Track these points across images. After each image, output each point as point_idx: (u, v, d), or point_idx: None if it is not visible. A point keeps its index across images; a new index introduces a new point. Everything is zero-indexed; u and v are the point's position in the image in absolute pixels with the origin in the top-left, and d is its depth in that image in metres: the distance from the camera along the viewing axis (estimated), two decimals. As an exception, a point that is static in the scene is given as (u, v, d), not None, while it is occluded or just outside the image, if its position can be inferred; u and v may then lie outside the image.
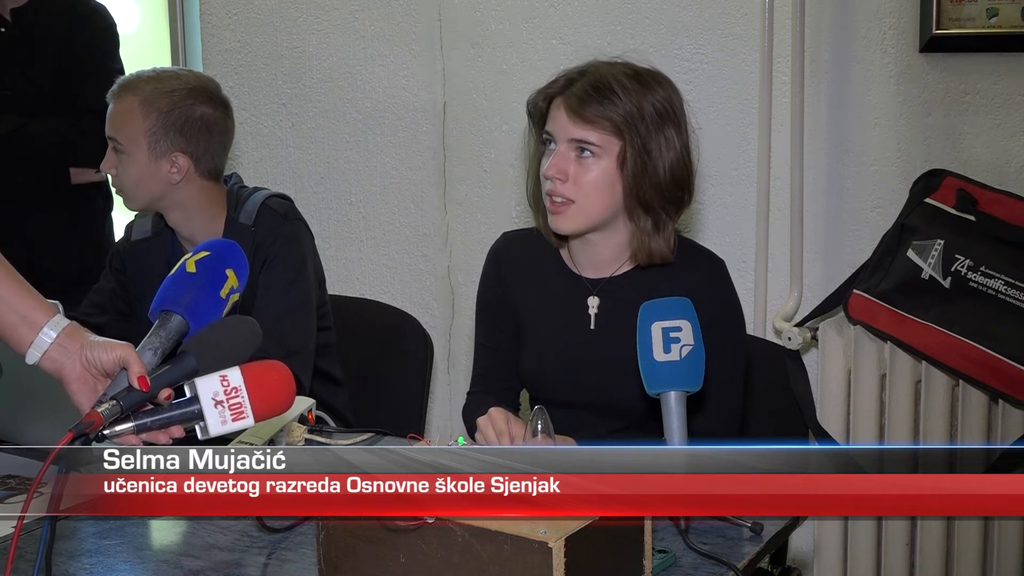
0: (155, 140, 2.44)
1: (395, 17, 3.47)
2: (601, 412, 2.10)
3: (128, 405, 1.53)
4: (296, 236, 2.51)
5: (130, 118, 2.43)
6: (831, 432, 2.68)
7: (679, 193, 2.07)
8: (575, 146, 2.03)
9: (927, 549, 2.66)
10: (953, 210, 2.63)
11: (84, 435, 1.48)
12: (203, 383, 1.55)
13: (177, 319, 1.66)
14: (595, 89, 2.02)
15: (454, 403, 3.50)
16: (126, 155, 2.43)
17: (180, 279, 1.70)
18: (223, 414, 1.54)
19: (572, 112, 2.03)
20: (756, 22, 2.93)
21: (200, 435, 1.56)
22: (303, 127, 3.66)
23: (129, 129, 2.43)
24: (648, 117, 2.02)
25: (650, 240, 2.07)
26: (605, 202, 2.05)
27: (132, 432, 1.54)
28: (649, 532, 1.54)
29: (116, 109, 2.44)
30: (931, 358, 2.58)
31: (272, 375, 1.59)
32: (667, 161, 2.03)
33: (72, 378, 1.59)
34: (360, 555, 1.50)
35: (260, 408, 1.56)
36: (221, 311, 1.71)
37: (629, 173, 2.02)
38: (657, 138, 2.02)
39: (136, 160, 2.43)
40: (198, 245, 1.79)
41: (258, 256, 2.44)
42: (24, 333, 1.59)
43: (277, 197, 2.56)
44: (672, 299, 1.80)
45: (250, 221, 2.48)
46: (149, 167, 2.44)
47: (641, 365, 1.74)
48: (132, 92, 2.44)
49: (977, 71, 2.76)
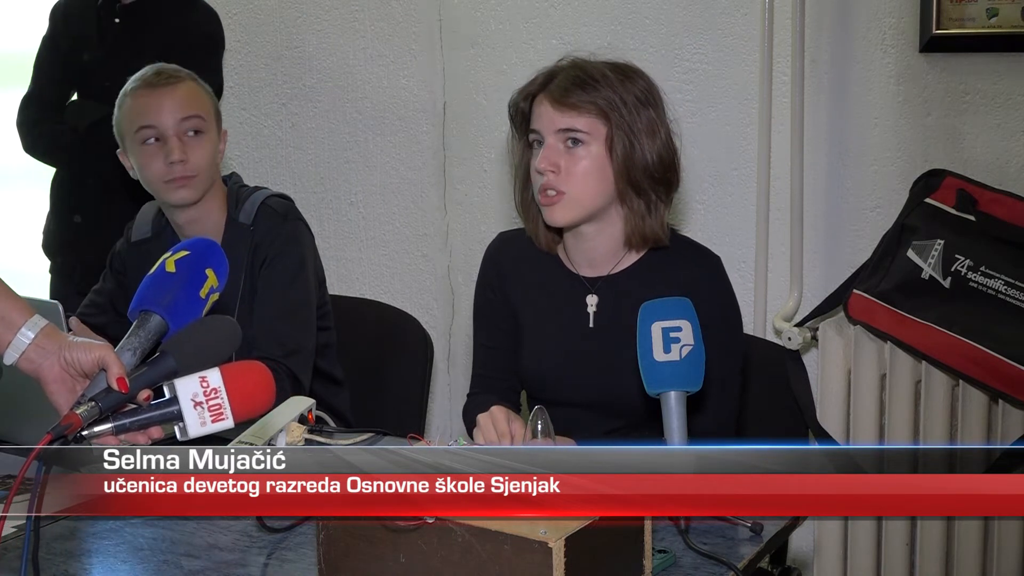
0: (217, 120, 2.49)
1: (395, 17, 3.47)
2: (601, 411, 2.10)
3: (107, 406, 1.52)
4: (296, 236, 2.50)
5: (198, 97, 2.44)
6: (831, 432, 2.68)
7: (667, 175, 2.08)
8: (563, 137, 2.04)
9: (927, 549, 2.66)
10: (953, 210, 2.63)
11: (63, 437, 1.47)
12: (182, 384, 1.54)
13: (156, 319, 1.65)
14: (578, 79, 2.04)
15: (454, 403, 3.50)
16: (203, 134, 2.42)
17: (159, 279, 1.69)
18: (202, 415, 1.54)
19: (556, 103, 2.04)
20: (756, 22, 2.93)
21: (179, 436, 1.55)
22: (303, 127, 3.66)
23: (203, 105, 2.44)
24: (630, 102, 2.04)
25: (644, 223, 2.08)
26: (597, 189, 2.05)
27: (111, 433, 1.53)
28: (649, 532, 1.54)
29: (182, 91, 2.41)
30: (931, 358, 2.58)
31: (252, 376, 1.59)
32: (653, 143, 2.05)
33: (50, 379, 1.58)
34: (360, 555, 1.50)
35: (239, 409, 1.56)
36: (201, 311, 1.70)
37: (619, 156, 2.03)
38: (641, 121, 2.04)
39: (210, 138, 2.44)
40: (177, 244, 1.78)
41: (257, 256, 2.43)
42: (1, 333, 1.58)
43: (277, 197, 2.55)
44: (672, 299, 1.80)
45: (249, 220, 2.47)
46: (216, 146, 2.47)
47: (641, 365, 1.74)
48: (182, 77, 2.43)
49: (977, 71, 2.76)
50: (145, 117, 2.40)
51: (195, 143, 2.40)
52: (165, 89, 2.40)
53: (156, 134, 2.40)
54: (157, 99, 2.39)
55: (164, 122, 2.39)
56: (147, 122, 2.40)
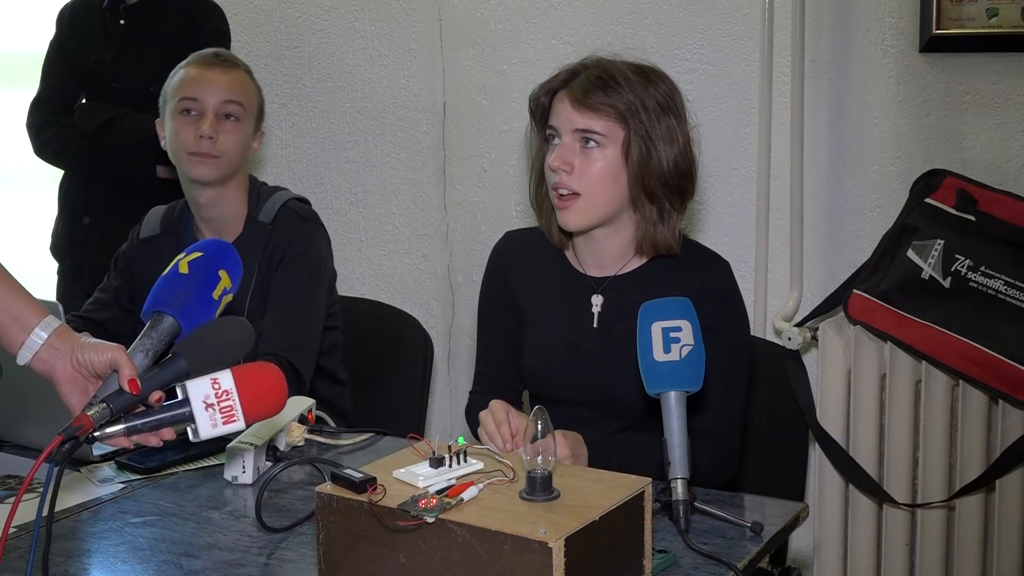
0: (260, 114, 2.58)
1: (395, 17, 3.47)
2: (603, 411, 2.10)
3: (118, 408, 1.52)
4: (314, 237, 2.55)
5: (246, 87, 2.53)
6: (831, 432, 2.69)
7: (683, 183, 2.07)
8: (580, 137, 2.04)
9: (927, 549, 2.66)
10: (953, 210, 2.63)
11: (74, 438, 1.47)
12: (194, 386, 1.54)
13: (169, 320, 1.65)
14: (600, 80, 2.03)
15: (454, 403, 3.50)
16: (239, 121, 2.50)
17: (173, 280, 1.69)
18: (214, 417, 1.53)
19: (576, 102, 2.03)
20: (756, 22, 2.93)
21: (192, 437, 1.55)
22: (303, 127, 3.66)
23: (248, 97, 2.53)
24: (651, 108, 2.03)
25: (655, 230, 2.08)
26: (611, 193, 2.05)
27: (123, 434, 1.53)
28: (649, 532, 1.54)
29: (233, 77, 2.51)
30: (931, 358, 2.58)
31: (264, 378, 1.58)
32: (670, 151, 2.04)
33: (63, 379, 1.58)
34: (360, 555, 1.50)
35: (251, 411, 1.56)
36: (214, 312, 1.70)
37: (634, 161, 2.02)
38: (660, 127, 2.03)
39: (245, 128, 2.51)
40: (191, 246, 1.78)
41: (275, 255, 2.48)
42: (15, 334, 1.58)
43: (297, 200, 2.60)
44: (672, 299, 1.80)
45: (269, 220, 2.52)
46: (249, 139, 2.55)
47: (641, 365, 1.74)
48: (238, 66, 2.54)
49: (977, 71, 2.76)
50: (191, 89, 2.48)
51: (229, 127, 2.48)
52: (218, 70, 2.50)
53: (196, 107, 2.48)
54: (208, 76, 2.49)
55: (206, 98, 2.47)
56: (191, 94, 2.48)
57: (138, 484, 2.00)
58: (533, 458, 1.49)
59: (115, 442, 1.55)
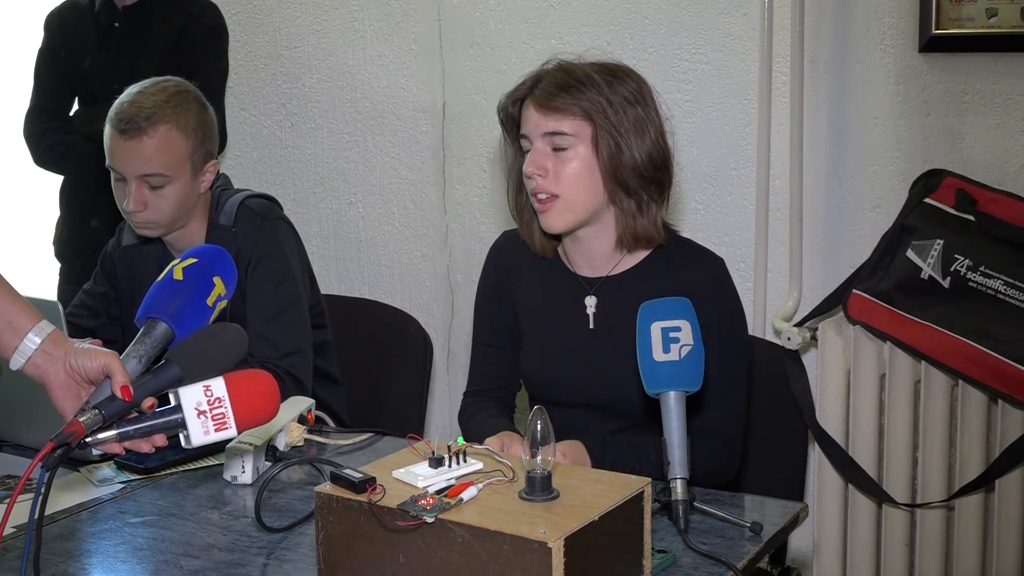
0: (196, 160, 2.39)
1: (395, 17, 3.47)
2: (601, 412, 2.10)
3: (111, 414, 1.52)
4: (276, 235, 2.47)
5: (171, 147, 2.33)
6: (831, 432, 2.69)
7: (658, 174, 2.07)
8: (550, 140, 2.04)
9: (926, 549, 2.66)
10: (953, 210, 2.63)
11: (65, 444, 1.47)
12: (186, 393, 1.54)
13: (163, 327, 1.65)
14: (562, 81, 2.04)
15: (454, 403, 3.50)
16: (169, 185, 2.35)
17: (167, 286, 1.68)
18: (206, 424, 1.54)
19: (541, 107, 2.04)
20: (756, 22, 2.93)
21: (184, 443, 1.55)
22: (303, 127, 3.66)
23: (172, 158, 2.34)
24: (616, 103, 2.03)
25: (635, 223, 2.08)
26: (588, 192, 2.05)
27: (115, 440, 1.53)
28: (649, 532, 1.55)
29: (144, 146, 2.31)
30: (931, 358, 2.58)
31: (257, 386, 1.58)
32: (642, 143, 2.04)
33: (56, 385, 1.57)
34: (360, 555, 1.50)
35: (243, 419, 1.56)
36: (208, 319, 1.69)
37: (604, 156, 2.03)
38: (627, 121, 2.03)
39: (177, 186, 2.36)
40: (186, 251, 1.77)
41: (241, 259, 2.38)
42: (9, 338, 1.57)
43: (256, 197, 2.52)
44: (671, 299, 1.80)
45: (229, 223, 2.45)
46: (191, 187, 2.40)
47: (640, 365, 1.74)
48: (159, 121, 2.32)
49: (976, 71, 2.76)
50: (112, 159, 2.36)
51: (155, 196, 2.35)
52: (130, 143, 2.31)
53: (120, 174, 2.37)
54: (120, 148, 2.33)
55: (125, 170, 2.35)
56: (111, 163, 2.37)
57: (137, 484, 2.00)
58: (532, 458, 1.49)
59: (107, 448, 1.54)
